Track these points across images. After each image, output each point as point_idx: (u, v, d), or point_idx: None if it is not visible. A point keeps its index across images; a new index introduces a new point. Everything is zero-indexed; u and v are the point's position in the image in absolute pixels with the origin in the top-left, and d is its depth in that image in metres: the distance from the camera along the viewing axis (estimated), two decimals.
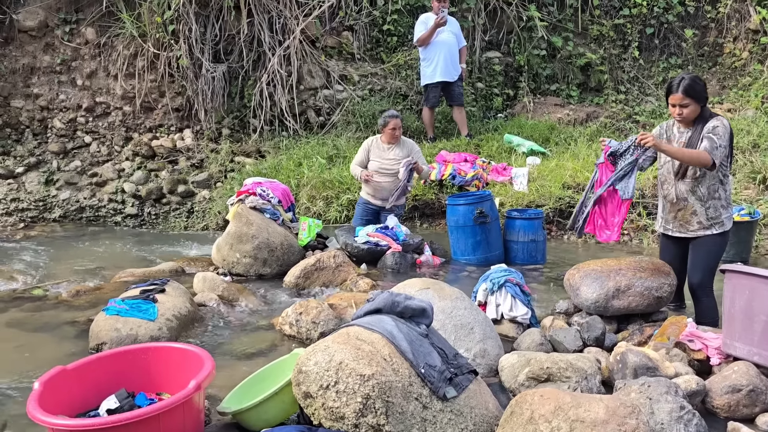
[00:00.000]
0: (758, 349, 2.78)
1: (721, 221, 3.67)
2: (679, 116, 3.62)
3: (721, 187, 3.66)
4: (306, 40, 8.58)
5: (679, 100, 3.56)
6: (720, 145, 3.50)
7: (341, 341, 2.29)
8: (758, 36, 8.95)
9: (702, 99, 3.59)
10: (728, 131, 3.55)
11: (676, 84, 3.58)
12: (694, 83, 3.56)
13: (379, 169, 5.80)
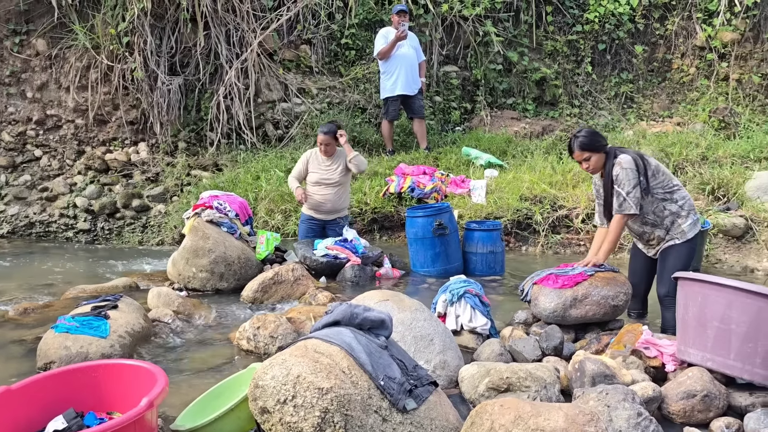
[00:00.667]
0: (711, 355, 2.84)
1: (682, 230, 3.77)
2: (587, 169, 3.89)
3: (666, 204, 3.79)
4: (264, 53, 8.53)
5: (579, 157, 3.85)
6: (627, 193, 3.70)
7: (299, 354, 2.24)
8: (704, 52, 9.29)
9: (599, 148, 3.82)
10: (630, 169, 3.70)
11: (573, 144, 3.85)
12: (587, 138, 3.82)
13: (319, 181, 5.78)
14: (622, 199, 3.73)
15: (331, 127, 5.79)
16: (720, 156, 7.41)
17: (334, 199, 5.81)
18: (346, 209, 6.06)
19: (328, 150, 5.76)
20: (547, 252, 6.50)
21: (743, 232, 6.19)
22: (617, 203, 3.75)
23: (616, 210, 3.77)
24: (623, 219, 3.77)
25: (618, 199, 3.74)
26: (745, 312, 2.74)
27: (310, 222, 5.92)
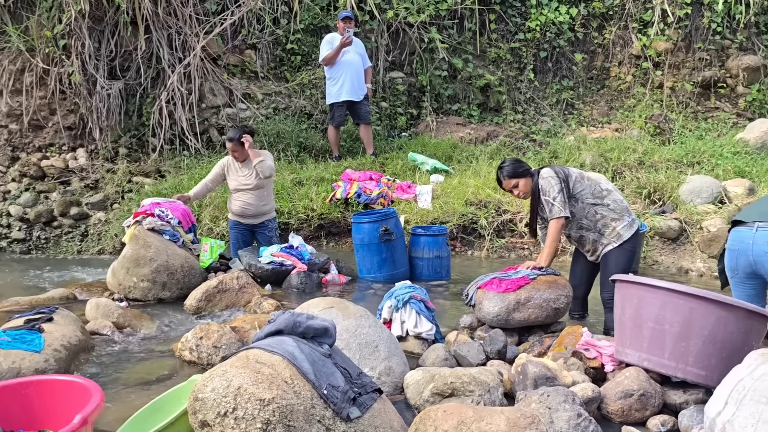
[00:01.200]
0: (647, 355, 2.93)
1: (617, 233, 3.88)
2: (518, 195, 4.07)
3: (598, 208, 3.93)
4: (207, 57, 8.39)
5: (509, 185, 4.04)
6: (553, 198, 3.87)
7: (240, 365, 2.20)
8: (640, 61, 9.64)
9: (524, 174, 4.01)
10: (551, 177, 3.90)
11: (500, 176, 4.05)
12: (511, 167, 4.03)
13: (238, 187, 5.74)
14: (551, 206, 3.88)
15: (236, 133, 5.72)
16: (656, 161, 7.70)
17: (257, 203, 5.75)
18: (273, 211, 5.99)
19: (238, 156, 5.71)
20: (492, 256, 6.60)
21: (678, 234, 6.43)
22: (548, 210, 3.91)
23: (550, 216, 3.90)
24: (559, 223, 3.89)
25: (548, 206, 3.90)
26: (678, 312, 2.84)
27: (239, 227, 5.87)
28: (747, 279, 3.39)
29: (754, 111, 9.32)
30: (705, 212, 6.58)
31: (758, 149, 8.00)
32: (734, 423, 2.23)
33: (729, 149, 7.97)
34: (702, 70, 9.48)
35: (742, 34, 9.30)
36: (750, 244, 3.25)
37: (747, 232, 3.28)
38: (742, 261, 3.32)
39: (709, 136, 8.76)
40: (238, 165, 5.76)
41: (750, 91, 9.31)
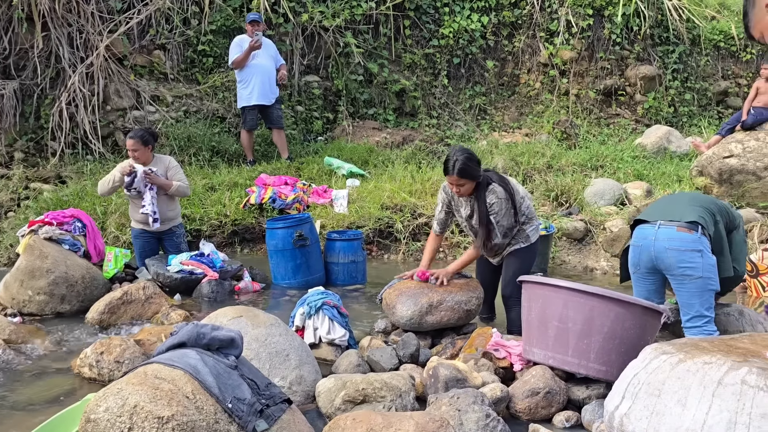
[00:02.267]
0: (552, 353, 3.02)
1: (526, 235, 3.98)
2: (457, 193, 3.88)
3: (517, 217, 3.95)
4: (112, 57, 8.00)
5: (455, 181, 3.78)
6: (497, 223, 3.80)
7: (137, 382, 2.08)
8: (547, 69, 10.02)
9: (475, 177, 3.80)
10: (505, 200, 3.81)
11: (452, 166, 3.75)
12: (467, 165, 3.74)
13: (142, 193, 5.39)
14: (494, 231, 3.81)
15: (138, 131, 5.28)
16: (563, 164, 8.01)
17: (163, 209, 5.33)
18: (180, 216, 5.64)
19: (138, 157, 5.22)
20: (408, 259, 6.64)
21: (583, 234, 6.71)
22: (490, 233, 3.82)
23: (491, 241, 3.83)
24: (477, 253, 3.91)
25: (494, 230, 3.81)
26: (580, 311, 2.95)
27: (144, 236, 5.43)
28: (648, 274, 3.56)
29: (650, 117, 9.88)
30: (608, 213, 6.90)
31: (655, 153, 8.49)
32: (630, 416, 2.33)
33: (629, 153, 8.40)
34: (604, 78, 9.96)
35: (639, 45, 9.85)
36: (652, 241, 3.42)
37: (650, 229, 3.46)
38: (645, 257, 3.48)
39: (611, 141, 9.22)
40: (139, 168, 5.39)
41: (647, 98, 9.88)
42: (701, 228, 3.36)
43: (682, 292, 3.46)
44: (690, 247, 3.33)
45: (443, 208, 4.11)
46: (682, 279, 3.39)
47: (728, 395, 2.15)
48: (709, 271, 3.36)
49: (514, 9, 9.99)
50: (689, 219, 3.36)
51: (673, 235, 3.36)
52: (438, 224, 4.17)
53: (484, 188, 3.83)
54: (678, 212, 3.44)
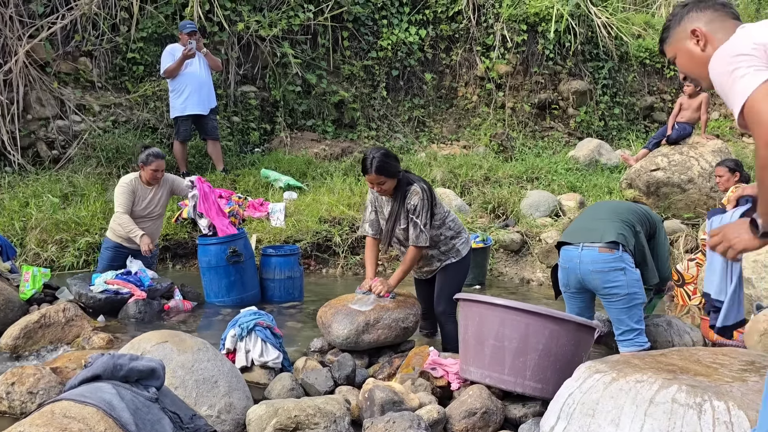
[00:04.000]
0: (489, 372, 2.98)
1: (456, 250, 3.95)
2: (380, 192, 3.81)
3: (442, 230, 3.91)
4: (33, 63, 7.60)
5: (374, 179, 3.71)
6: (424, 225, 3.73)
7: (42, 423, 1.90)
8: (484, 82, 10.16)
9: (394, 174, 3.75)
10: (427, 199, 3.76)
11: (369, 165, 3.68)
12: (384, 162, 3.68)
13: (146, 216, 5.21)
14: (419, 231, 3.72)
15: (160, 152, 5.20)
16: (500, 176, 8.11)
17: (155, 230, 5.36)
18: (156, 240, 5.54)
19: (159, 177, 5.14)
20: (347, 273, 6.55)
21: (520, 246, 6.79)
22: (414, 234, 3.73)
23: (414, 241, 3.74)
24: (419, 251, 3.78)
25: (416, 231, 3.73)
26: (516, 329, 2.93)
27: (119, 250, 5.21)
28: (578, 293, 3.67)
29: (582, 131, 10.17)
30: (543, 225, 7.01)
31: (587, 166, 8.72)
32: None
33: (562, 166, 8.60)
34: (538, 92, 10.19)
35: (571, 61, 10.12)
36: (577, 263, 3.52)
37: (574, 251, 3.55)
38: (572, 278, 3.58)
39: (546, 153, 9.41)
40: (144, 188, 5.15)
41: (579, 112, 10.16)
42: (621, 246, 3.46)
43: (612, 309, 3.58)
44: (612, 266, 3.46)
45: (372, 208, 4.01)
46: (610, 297, 3.51)
47: (660, 414, 2.16)
48: (633, 287, 3.50)
49: (452, 23, 10.10)
50: (609, 239, 3.47)
51: (595, 257, 3.48)
52: (369, 226, 4.01)
53: (404, 187, 3.78)
54: (598, 232, 3.54)
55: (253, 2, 8.96)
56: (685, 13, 2.14)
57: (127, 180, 5.15)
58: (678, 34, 2.15)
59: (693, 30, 2.09)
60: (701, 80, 2.16)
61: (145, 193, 5.20)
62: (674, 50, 2.18)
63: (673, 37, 2.17)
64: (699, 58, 2.09)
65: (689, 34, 2.10)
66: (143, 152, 5.19)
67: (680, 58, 2.17)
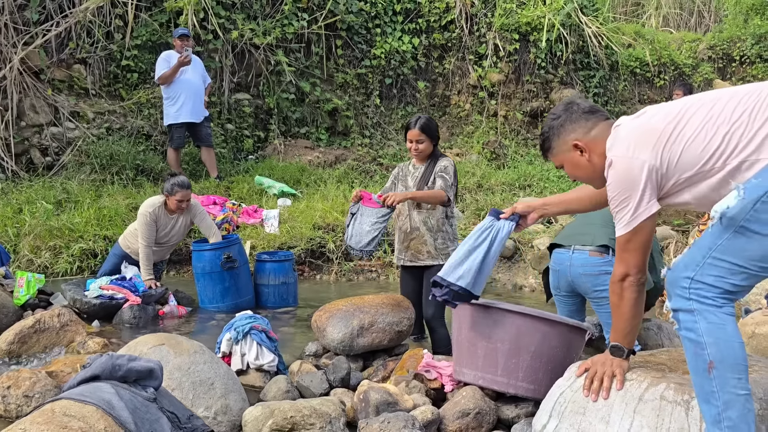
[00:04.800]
0: (482, 373, 3.02)
1: (447, 253, 3.99)
2: (415, 151, 4.00)
3: (446, 222, 4.03)
4: (28, 71, 7.62)
5: (415, 136, 3.95)
6: (452, 184, 3.93)
7: (42, 421, 1.93)
8: (477, 91, 10.26)
9: (434, 137, 4.02)
10: (455, 171, 3.99)
11: (414, 121, 3.98)
12: (429, 122, 3.99)
13: (163, 243, 5.21)
14: (447, 185, 3.88)
15: (186, 180, 5.06)
16: (492, 184, 8.19)
17: (168, 252, 5.48)
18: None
19: (184, 207, 5.07)
20: (341, 279, 6.59)
21: (512, 252, 6.85)
22: (443, 184, 3.88)
23: (442, 187, 3.88)
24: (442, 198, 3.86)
25: (445, 183, 3.88)
26: (508, 331, 2.97)
27: (128, 259, 5.25)
28: (568, 296, 3.71)
29: None
30: (535, 231, 7.08)
31: None
32: None
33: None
34: (530, 100, 10.29)
35: (563, 70, 10.24)
36: (568, 266, 3.56)
37: (565, 254, 3.59)
38: (563, 281, 3.63)
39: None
40: (167, 215, 5.12)
41: None
42: (612, 250, 3.50)
43: (601, 313, 3.62)
44: (602, 270, 3.50)
45: (393, 181, 4.25)
46: (599, 300, 3.56)
47: (648, 411, 2.21)
48: None
49: (444, 32, 10.20)
50: (600, 242, 3.52)
51: (586, 261, 3.53)
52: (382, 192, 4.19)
53: (437, 158, 4.02)
54: (590, 236, 3.60)
55: (248, 11, 9.03)
56: (560, 125, 2.32)
57: (150, 208, 5.02)
58: (560, 146, 2.33)
59: (575, 144, 2.27)
60: (592, 184, 2.40)
61: (167, 221, 5.14)
62: (560, 160, 2.36)
63: (556, 149, 2.35)
64: (587, 167, 2.30)
65: (571, 147, 2.28)
66: (168, 180, 5.04)
67: (568, 168, 2.36)
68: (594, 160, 2.25)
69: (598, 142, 2.23)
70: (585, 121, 2.27)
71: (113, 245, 5.56)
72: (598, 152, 2.22)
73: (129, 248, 5.26)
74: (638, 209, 2.07)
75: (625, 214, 2.10)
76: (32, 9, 7.79)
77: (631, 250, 2.14)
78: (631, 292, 2.21)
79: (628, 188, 2.07)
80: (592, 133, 2.26)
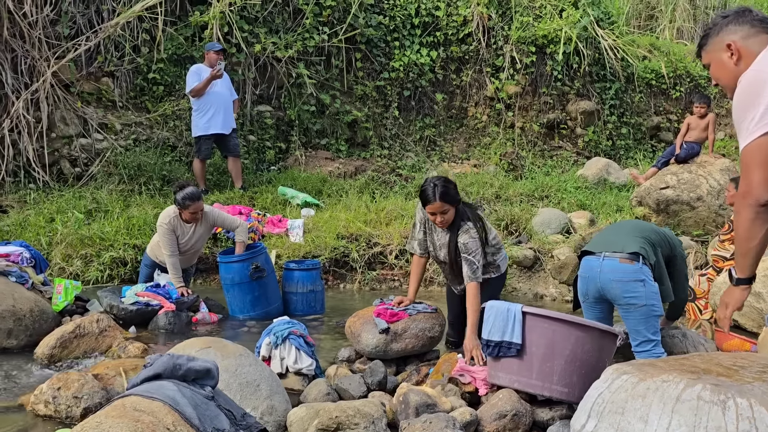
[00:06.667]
0: (517, 377, 3.12)
1: (496, 266, 4.04)
2: (440, 223, 3.72)
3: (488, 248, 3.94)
4: (59, 83, 7.83)
5: (438, 208, 3.63)
6: (478, 262, 3.72)
7: (116, 415, 2.05)
8: (494, 102, 10.38)
9: (456, 201, 3.72)
10: (480, 237, 3.76)
11: (431, 193, 3.62)
12: (446, 187, 3.66)
13: (185, 251, 5.33)
14: (476, 268, 3.69)
15: (197, 191, 5.13)
16: (510, 194, 8.29)
17: (194, 258, 5.61)
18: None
19: (198, 217, 5.19)
20: (364, 288, 6.70)
21: (533, 262, 6.93)
22: (471, 271, 3.69)
23: (471, 278, 3.69)
24: (479, 285, 3.72)
25: (471, 268, 3.69)
26: (543, 335, 3.07)
27: (157, 267, 5.43)
28: (596, 303, 3.76)
29: (590, 150, 10.36)
30: (555, 242, 7.16)
31: (596, 184, 8.90)
32: None
33: (572, 184, 8.77)
34: (547, 112, 10.40)
35: (579, 82, 10.35)
36: (598, 272, 3.61)
37: (595, 261, 3.64)
38: (592, 288, 3.67)
39: (555, 172, 9.59)
40: (187, 227, 5.23)
41: (587, 132, 10.36)
42: (642, 258, 3.55)
43: (629, 320, 3.65)
44: (633, 277, 3.52)
45: (421, 227, 3.94)
46: (628, 308, 3.57)
47: (686, 410, 2.30)
48: (652, 299, 3.54)
49: (462, 45, 10.34)
50: (631, 250, 3.55)
51: (616, 267, 3.54)
52: (418, 245, 3.97)
53: (458, 221, 3.75)
54: (620, 243, 3.63)
55: (270, 24, 9.22)
56: (725, 24, 2.25)
57: (166, 220, 5.10)
58: (715, 44, 2.27)
59: (728, 44, 2.20)
60: (728, 91, 2.31)
61: (185, 230, 5.22)
62: (709, 59, 2.30)
63: (710, 46, 2.29)
64: (731, 71, 2.22)
65: (725, 46, 2.21)
66: (179, 193, 5.05)
67: (713, 67, 2.30)
68: (740, 66, 2.18)
69: (751, 51, 2.16)
70: (750, 27, 2.20)
71: (143, 255, 5.72)
72: (747, 61, 2.15)
73: (157, 258, 5.42)
74: (762, 120, 2.01)
75: (748, 123, 2.04)
76: (63, 24, 8.01)
77: (753, 165, 2.06)
78: (748, 212, 2.13)
79: (752, 97, 2.03)
80: (749, 41, 2.18)
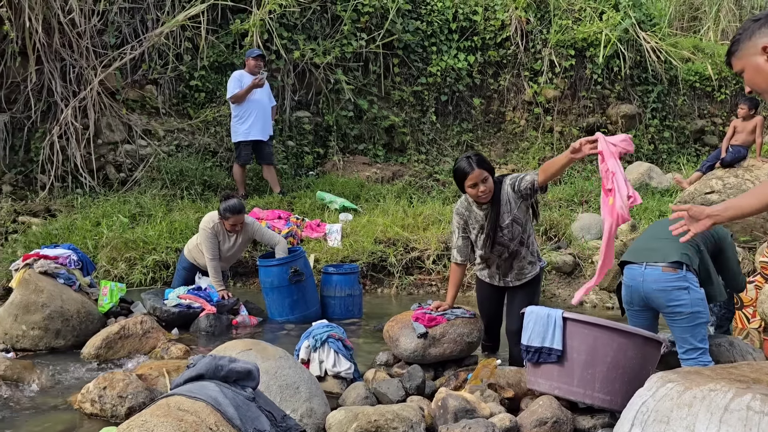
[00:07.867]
0: (558, 383, 3.08)
1: (537, 255, 3.97)
2: (483, 193, 3.58)
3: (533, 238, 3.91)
4: (105, 91, 8.06)
5: (479, 176, 3.54)
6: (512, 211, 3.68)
7: (161, 414, 2.10)
8: (532, 107, 10.29)
9: (493, 170, 3.66)
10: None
11: (467, 164, 3.55)
12: (482, 156, 3.63)
13: (228, 257, 5.51)
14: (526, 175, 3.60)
15: (237, 204, 5.20)
16: (550, 200, 8.18)
17: (230, 263, 5.74)
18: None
19: (238, 229, 5.32)
20: (401, 293, 6.69)
21: (572, 268, 6.83)
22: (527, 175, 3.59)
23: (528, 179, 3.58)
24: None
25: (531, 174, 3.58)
26: (584, 341, 3.02)
27: (194, 269, 5.55)
28: (641, 311, 3.70)
29: (631, 154, 10.14)
30: (595, 247, 7.03)
31: (637, 189, 8.66)
32: None
33: None
34: (586, 116, 10.25)
35: (620, 85, 10.18)
36: (641, 282, 3.55)
37: (638, 270, 3.59)
38: (636, 296, 3.62)
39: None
40: (228, 234, 5.37)
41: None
42: (685, 266, 3.47)
43: (675, 328, 3.57)
44: (676, 285, 3.46)
45: (460, 233, 3.84)
46: (673, 316, 3.51)
47: (735, 421, 2.23)
48: (697, 306, 3.47)
49: (500, 49, 10.29)
50: (672, 259, 3.47)
51: (659, 276, 3.49)
52: (458, 252, 3.88)
53: (499, 186, 3.65)
54: (661, 252, 3.55)
55: (309, 31, 9.33)
56: (757, 28, 2.15)
57: (210, 225, 5.25)
58: (748, 48, 2.17)
59: (764, 47, 2.11)
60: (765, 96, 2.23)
61: (226, 237, 5.37)
62: (742, 64, 2.20)
63: (743, 51, 2.19)
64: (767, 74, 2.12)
65: (760, 50, 2.12)
66: (223, 203, 5.21)
67: (748, 73, 2.20)
68: None
69: None
70: None
71: (179, 258, 5.82)
72: None
73: (195, 260, 5.52)
74: None
75: None
76: (110, 33, 8.26)
77: None
78: None
79: None
80: None
